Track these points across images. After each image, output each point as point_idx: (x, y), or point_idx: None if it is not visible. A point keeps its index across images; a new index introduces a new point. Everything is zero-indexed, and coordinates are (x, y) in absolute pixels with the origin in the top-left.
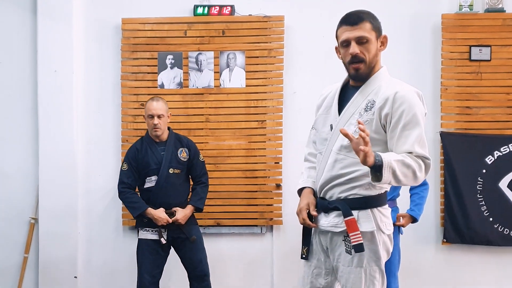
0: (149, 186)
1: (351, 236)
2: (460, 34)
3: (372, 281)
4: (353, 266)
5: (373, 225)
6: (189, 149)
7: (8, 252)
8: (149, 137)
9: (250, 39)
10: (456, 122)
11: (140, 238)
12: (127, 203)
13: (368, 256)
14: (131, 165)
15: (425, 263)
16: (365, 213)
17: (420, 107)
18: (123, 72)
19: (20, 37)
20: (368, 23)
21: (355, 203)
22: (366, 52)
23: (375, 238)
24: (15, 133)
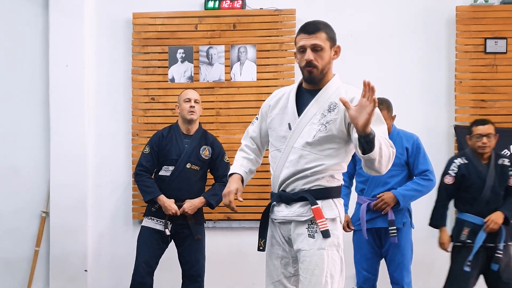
0: (163, 175)
1: (318, 223)
2: (475, 27)
3: (333, 264)
4: (315, 249)
5: (336, 213)
6: (213, 148)
7: (19, 246)
8: (178, 126)
9: (261, 33)
10: (471, 115)
11: (144, 225)
12: (142, 186)
13: (330, 241)
14: (153, 150)
15: (439, 258)
16: (327, 202)
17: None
18: (134, 67)
19: (32, 32)
20: (324, 33)
21: (318, 193)
22: (320, 59)
23: (336, 225)
24: (27, 128)
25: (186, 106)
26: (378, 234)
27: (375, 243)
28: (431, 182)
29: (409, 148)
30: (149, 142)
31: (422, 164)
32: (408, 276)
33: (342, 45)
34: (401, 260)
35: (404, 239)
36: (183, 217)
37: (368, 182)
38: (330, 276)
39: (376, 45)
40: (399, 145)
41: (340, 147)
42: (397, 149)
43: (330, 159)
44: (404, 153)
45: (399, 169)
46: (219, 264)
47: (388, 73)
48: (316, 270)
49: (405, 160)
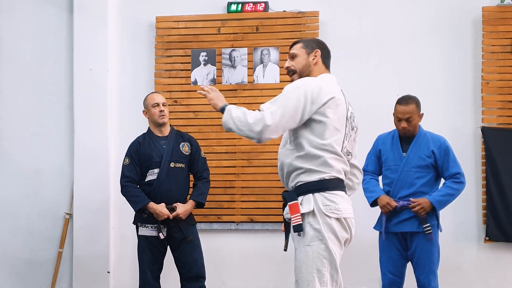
0: (150, 179)
1: (292, 218)
2: (502, 27)
3: (319, 258)
4: (300, 246)
5: (311, 206)
6: (191, 143)
7: (43, 247)
8: (151, 132)
9: (284, 35)
10: (498, 116)
11: (141, 234)
12: (129, 197)
13: (312, 235)
14: (133, 159)
15: (466, 262)
16: (307, 197)
17: (293, 84)
18: (157, 70)
19: (57, 36)
20: (300, 43)
21: (299, 189)
22: (295, 64)
23: (317, 219)
24: (51, 131)
25: (155, 111)
26: (403, 236)
27: (401, 246)
28: (462, 184)
29: (435, 151)
30: (127, 153)
31: (453, 167)
32: (434, 280)
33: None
34: (428, 264)
35: (432, 243)
36: (174, 220)
37: (393, 184)
38: (317, 271)
39: (401, 46)
40: (425, 147)
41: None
42: (423, 151)
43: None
44: (431, 156)
45: (425, 171)
46: (242, 267)
47: (414, 74)
48: (303, 267)
49: (431, 162)
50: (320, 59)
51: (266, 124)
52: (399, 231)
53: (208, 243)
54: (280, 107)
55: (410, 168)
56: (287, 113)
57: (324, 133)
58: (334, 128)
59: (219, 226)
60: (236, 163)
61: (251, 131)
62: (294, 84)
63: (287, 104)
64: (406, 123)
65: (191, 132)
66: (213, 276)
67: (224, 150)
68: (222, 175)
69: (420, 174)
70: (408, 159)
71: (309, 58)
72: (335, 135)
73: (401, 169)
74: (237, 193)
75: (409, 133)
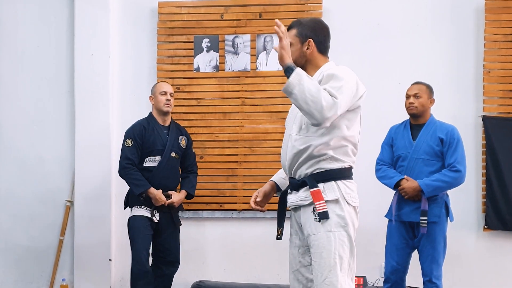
0: (150, 165)
1: (316, 205)
2: (504, 16)
3: (341, 245)
4: (321, 231)
5: (337, 194)
6: (187, 138)
7: (44, 234)
8: (153, 118)
9: (288, 22)
10: (499, 106)
11: (135, 215)
12: (131, 179)
13: (335, 222)
14: (136, 142)
15: (466, 250)
16: (330, 184)
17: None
18: (159, 56)
19: (58, 21)
20: (295, 29)
21: (320, 176)
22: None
23: (341, 206)
24: (52, 117)
25: (162, 98)
26: (411, 225)
27: (408, 235)
28: (459, 173)
29: (444, 139)
30: (130, 134)
31: (452, 155)
32: (437, 270)
33: (370, 34)
34: (431, 253)
35: (437, 232)
36: (167, 207)
37: (403, 172)
38: (339, 257)
39: (404, 34)
40: (433, 135)
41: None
42: (431, 139)
43: (318, 139)
44: (439, 144)
45: (434, 159)
46: (244, 255)
47: (416, 62)
48: (324, 252)
49: (440, 150)
50: (315, 47)
51: (337, 113)
52: (409, 220)
53: (210, 231)
54: (345, 97)
55: (419, 155)
56: (348, 104)
57: (353, 125)
58: (359, 120)
59: (221, 214)
60: (238, 151)
61: (320, 113)
62: (347, 72)
63: (349, 94)
64: (414, 99)
65: (194, 119)
66: (215, 264)
67: (226, 138)
68: (225, 163)
69: (429, 162)
70: (417, 146)
71: (303, 48)
72: (358, 128)
73: (410, 157)
74: (239, 181)
75: (416, 111)
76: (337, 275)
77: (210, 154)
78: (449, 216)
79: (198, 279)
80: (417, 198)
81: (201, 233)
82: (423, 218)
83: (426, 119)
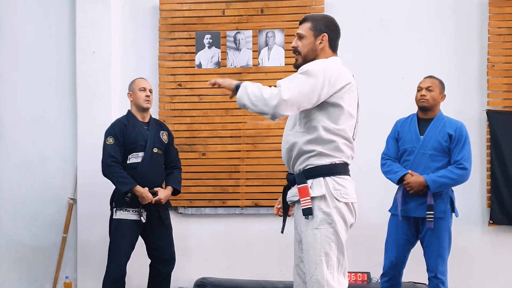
0: (134, 162)
1: (301, 201)
2: (508, 9)
3: (328, 242)
4: (308, 229)
5: (323, 190)
6: (168, 133)
7: (47, 232)
8: (132, 115)
9: (289, 17)
10: (504, 99)
11: (119, 218)
12: (116, 178)
13: (321, 219)
14: (117, 140)
15: (470, 246)
16: (318, 180)
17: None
18: (160, 53)
19: (59, 19)
20: (309, 23)
21: (310, 172)
22: (302, 46)
23: (327, 202)
24: (54, 115)
25: (141, 95)
26: (415, 221)
27: (410, 231)
28: (465, 171)
29: (452, 135)
30: (110, 132)
31: (460, 152)
32: (443, 265)
33: (372, 29)
34: (436, 248)
35: (443, 228)
36: (154, 204)
37: (409, 167)
38: (324, 254)
39: (406, 28)
40: (442, 130)
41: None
42: (440, 134)
43: (304, 135)
44: (447, 140)
45: (441, 155)
46: (247, 251)
47: (419, 57)
48: (310, 250)
49: (448, 146)
50: (327, 43)
51: (282, 99)
52: (415, 215)
53: (213, 227)
54: (298, 84)
55: (426, 150)
56: (304, 91)
57: (339, 118)
58: (349, 113)
59: (224, 210)
60: (241, 147)
61: (266, 106)
62: (314, 65)
63: (305, 82)
64: (426, 92)
65: (196, 116)
66: (218, 261)
67: (229, 134)
68: (227, 159)
69: (436, 157)
70: (424, 141)
71: (316, 41)
72: (348, 121)
73: (417, 151)
74: (242, 177)
75: (427, 104)
76: (323, 272)
77: (212, 151)
78: (454, 212)
79: (201, 276)
80: (422, 193)
81: (204, 229)
82: (430, 213)
83: (435, 114)
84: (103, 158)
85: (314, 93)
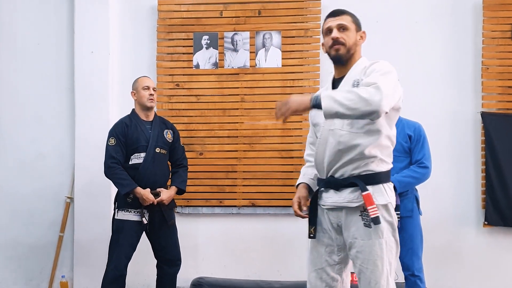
0: (136, 163)
1: (369, 210)
2: (502, 13)
3: (391, 251)
4: (373, 239)
5: (387, 198)
6: (173, 131)
7: (44, 231)
8: (136, 114)
9: (287, 19)
10: (498, 102)
11: (121, 219)
12: (117, 179)
13: (386, 228)
14: (119, 140)
15: (465, 246)
16: (378, 187)
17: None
18: (158, 53)
19: (57, 19)
20: (349, 16)
21: (368, 179)
22: (346, 37)
23: (389, 211)
24: (52, 114)
25: (145, 93)
26: None
27: None
28: (427, 169)
29: (412, 135)
30: (112, 133)
31: (420, 152)
32: (418, 262)
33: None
34: (410, 246)
35: (413, 226)
36: (157, 205)
37: None
38: (389, 263)
39: (402, 31)
40: (402, 132)
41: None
42: (400, 135)
43: (368, 137)
44: (407, 140)
45: (402, 155)
46: (243, 251)
47: (414, 59)
48: (378, 260)
49: (408, 146)
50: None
51: (385, 93)
52: None
53: (210, 227)
54: (391, 81)
55: None
56: (395, 89)
57: (394, 124)
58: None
59: (221, 210)
60: (238, 147)
61: (370, 104)
62: (389, 65)
63: (394, 81)
64: None
65: (193, 116)
66: (215, 260)
67: (226, 134)
68: (224, 159)
69: (398, 158)
70: None
71: (356, 36)
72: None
73: None
74: (239, 177)
75: None
76: (389, 283)
77: (209, 151)
78: (419, 210)
79: (198, 276)
80: None
81: (201, 229)
82: (397, 212)
83: None
84: (105, 159)
85: (398, 93)
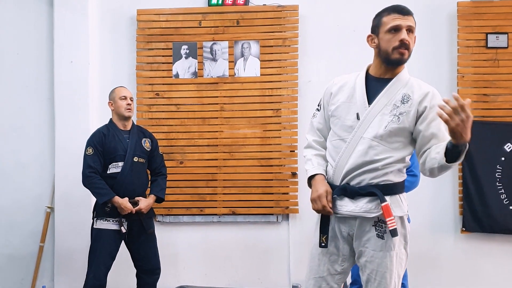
0: (114, 172)
1: (387, 221)
2: (476, 22)
3: (400, 263)
4: (384, 250)
5: (403, 210)
6: (151, 140)
7: (24, 241)
8: (113, 123)
9: (265, 29)
10: (474, 109)
11: (99, 228)
12: (95, 189)
13: (398, 241)
14: (97, 150)
15: (443, 253)
16: (395, 198)
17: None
18: (138, 63)
19: (37, 29)
20: (413, 18)
21: (386, 189)
22: (411, 42)
23: (404, 223)
24: (32, 124)
25: (123, 103)
26: None
27: None
28: (416, 177)
29: None
30: (90, 143)
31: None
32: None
33: (346, 40)
34: None
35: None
36: (135, 214)
37: None
38: (398, 276)
39: None
40: None
41: (407, 141)
42: None
43: (398, 152)
44: None
45: None
46: (224, 259)
47: None
48: (387, 273)
49: None
50: None
51: None
52: None
53: (190, 235)
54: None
55: None
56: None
57: None
58: None
59: (202, 218)
60: (218, 156)
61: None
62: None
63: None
64: None
65: (173, 125)
66: (196, 269)
67: (206, 143)
68: (204, 167)
69: None
70: None
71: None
72: None
73: None
74: (219, 185)
75: None
76: None
77: (189, 159)
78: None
79: (179, 284)
80: None
81: (181, 238)
82: None
83: None
84: (83, 169)
85: None
